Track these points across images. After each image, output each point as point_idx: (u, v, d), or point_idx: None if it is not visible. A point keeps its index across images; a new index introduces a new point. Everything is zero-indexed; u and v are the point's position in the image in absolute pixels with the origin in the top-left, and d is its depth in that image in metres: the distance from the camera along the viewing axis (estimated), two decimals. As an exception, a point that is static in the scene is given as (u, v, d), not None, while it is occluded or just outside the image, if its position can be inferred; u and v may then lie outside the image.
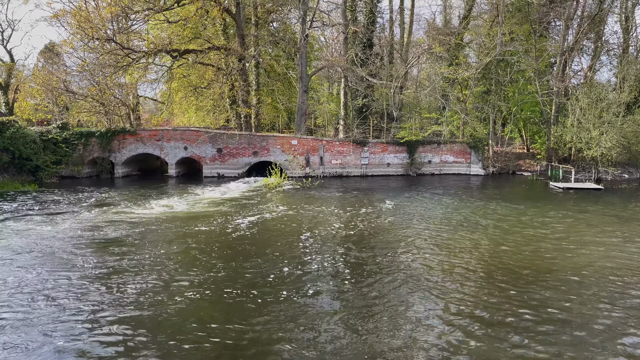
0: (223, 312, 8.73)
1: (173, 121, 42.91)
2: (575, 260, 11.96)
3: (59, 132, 28.49)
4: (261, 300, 9.15)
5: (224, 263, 11.51)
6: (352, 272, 10.98)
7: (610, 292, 9.78)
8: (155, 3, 27.41)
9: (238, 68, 31.74)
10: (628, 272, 11.03)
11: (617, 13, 36.57)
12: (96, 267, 11.07)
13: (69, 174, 28.51)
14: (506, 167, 34.03)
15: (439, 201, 21.18)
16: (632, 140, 29.84)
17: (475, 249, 12.91)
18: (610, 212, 18.85)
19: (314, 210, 18.66)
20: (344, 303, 9.18)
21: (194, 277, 10.45)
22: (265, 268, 11.10)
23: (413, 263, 11.62)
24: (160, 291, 9.61)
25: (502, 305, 8.98)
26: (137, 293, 9.48)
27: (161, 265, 11.24)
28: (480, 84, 34.88)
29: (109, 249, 12.65)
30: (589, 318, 8.52)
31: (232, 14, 31.21)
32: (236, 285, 9.93)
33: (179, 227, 15.32)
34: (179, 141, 29.68)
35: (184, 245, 13.10)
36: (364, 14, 35.90)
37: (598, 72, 39.84)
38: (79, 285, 9.97)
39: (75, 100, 33.52)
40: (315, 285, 10.05)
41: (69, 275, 10.57)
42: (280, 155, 29.94)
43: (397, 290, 9.76)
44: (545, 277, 10.64)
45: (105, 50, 27.83)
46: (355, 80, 34.53)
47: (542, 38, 36.21)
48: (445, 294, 9.53)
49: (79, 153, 28.87)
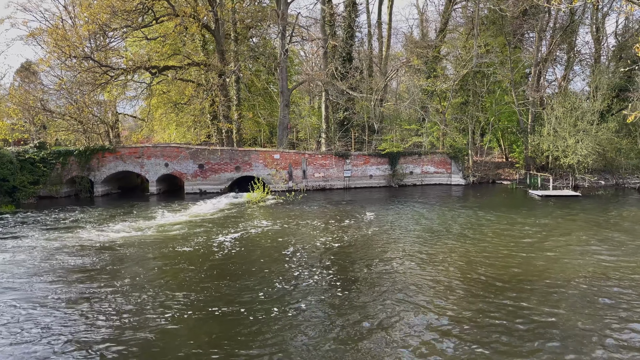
0: (213, 331, 8.63)
1: (153, 138, 42.57)
2: (557, 266, 12.15)
3: (36, 151, 27.99)
4: (252, 318, 9.07)
5: (210, 283, 11.37)
6: (339, 287, 10.95)
7: (593, 297, 9.94)
8: (133, 20, 27.30)
9: (218, 83, 31.71)
10: (610, 277, 11.23)
11: (588, 24, 37.69)
12: (74, 292, 10.83)
13: (47, 194, 27.97)
14: (486, 176, 34.51)
15: (421, 212, 21.34)
16: (606, 147, 30.56)
17: (458, 258, 13.01)
18: (588, 219, 19.22)
19: (298, 224, 18.64)
20: (333, 319, 9.15)
21: (180, 298, 10.30)
22: (254, 286, 11.02)
23: (398, 275, 11.66)
24: (145, 314, 9.45)
25: (489, 314, 9.05)
26: (122, 316, 9.31)
27: (144, 288, 11.05)
28: (459, 96, 35.47)
29: (88, 272, 12.40)
30: (573, 323, 8.64)
31: (212, 30, 31.27)
32: (225, 305, 9.81)
33: (162, 246, 15.12)
34: (160, 158, 29.42)
35: (168, 266, 12.92)
36: (342, 29, 36.28)
37: (572, 81, 40.94)
38: (54, 309, 9.76)
39: (52, 119, 33.08)
40: (305, 301, 9.99)
41: (45, 299, 10.34)
42: (263, 170, 29.89)
43: (384, 303, 9.77)
44: (531, 284, 10.77)
45: (83, 68, 27.56)
46: (336, 94, 34.77)
47: (517, 49, 37.06)
48: (430, 304, 9.58)
49: (57, 172, 28.37)
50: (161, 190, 30.19)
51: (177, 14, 27.67)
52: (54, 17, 35.35)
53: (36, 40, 32.95)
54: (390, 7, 37.92)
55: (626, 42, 35.03)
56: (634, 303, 9.58)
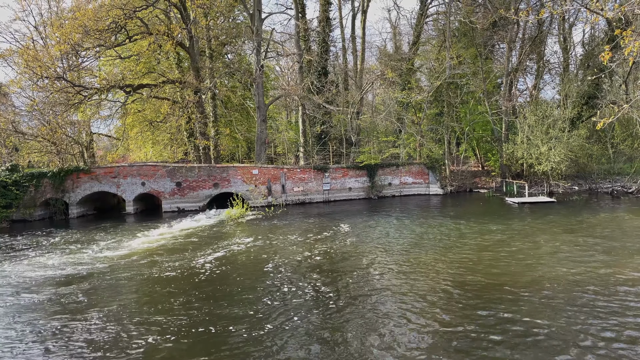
0: (199, 354, 8.48)
1: (129, 157, 42.07)
2: (534, 272, 12.31)
3: (8, 174, 27.37)
4: (237, 338, 8.95)
5: (192, 304, 11.17)
6: (322, 303, 10.89)
7: (571, 301, 10.10)
8: (106, 40, 27.08)
9: (194, 100, 31.59)
10: (588, 281, 11.44)
11: (556, 34, 38.81)
12: (49, 318, 10.56)
13: (21, 218, 27.29)
14: (463, 185, 34.96)
15: (400, 223, 21.45)
16: (578, 153, 31.30)
17: (438, 267, 13.09)
18: (563, 224, 19.58)
19: (278, 239, 18.53)
20: (318, 335, 9.09)
21: (161, 322, 10.10)
22: (236, 306, 10.88)
23: (378, 287, 11.67)
24: (125, 341, 9.25)
25: (471, 322, 9.11)
26: (101, 344, 9.09)
27: (123, 314, 10.82)
28: (433, 107, 36.07)
29: (63, 297, 12.10)
30: (554, 330, 8.74)
31: (186, 47, 31.23)
32: (207, 326, 9.67)
33: (141, 268, 14.82)
34: (136, 177, 29.04)
35: (147, 289, 12.67)
36: (317, 43, 36.63)
37: (542, 90, 41.97)
38: (32, 337, 9.49)
39: (25, 141, 32.43)
40: (288, 320, 9.91)
41: (22, 326, 10.05)
42: (242, 186, 29.73)
43: (366, 314, 9.76)
44: (510, 292, 10.89)
45: (56, 88, 27.18)
46: (313, 108, 34.97)
47: (488, 60, 37.92)
48: (412, 315, 9.60)
49: (31, 195, 27.74)
50: (138, 209, 29.76)
51: (151, 32, 27.61)
52: (24, 37, 34.98)
53: (6, 62, 32.44)
54: (363, 22, 38.49)
55: (593, 50, 36.09)
56: (613, 307, 9.77)
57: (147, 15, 29.64)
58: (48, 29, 33.31)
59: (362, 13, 38.59)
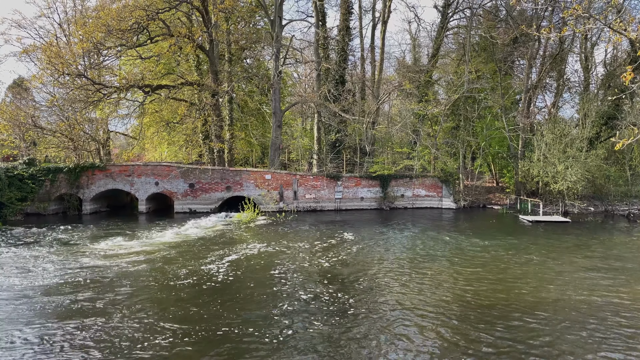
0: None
1: (145, 156, 42.41)
2: (545, 294, 12.09)
3: (25, 168, 27.74)
4: (247, 345, 8.90)
5: (202, 307, 11.18)
6: (332, 313, 10.80)
7: (583, 322, 9.88)
8: (128, 39, 27.41)
9: (211, 103, 31.80)
10: (598, 303, 11.20)
11: (577, 53, 38.40)
12: (59, 318, 10.60)
13: (35, 211, 27.63)
14: (477, 200, 34.61)
15: (412, 235, 21.26)
16: (595, 174, 30.84)
17: (449, 284, 12.92)
18: (578, 245, 19.24)
19: (289, 246, 18.46)
20: (328, 348, 9.01)
21: (173, 324, 10.11)
22: (245, 312, 10.85)
23: (389, 301, 11.55)
24: (139, 342, 9.24)
25: (482, 341, 8.95)
26: (114, 344, 9.09)
27: (135, 315, 10.84)
28: (450, 120, 35.84)
29: (75, 294, 12.16)
30: (563, 351, 8.56)
31: (206, 50, 31.48)
32: (216, 331, 9.64)
33: (152, 269, 14.84)
34: (150, 176, 29.25)
35: (159, 291, 12.68)
36: (336, 52, 36.69)
37: (561, 108, 41.54)
38: (40, 334, 9.52)
39: (43, 136, 32.86)
40: (294, 327, 9.84)
41: (31, 325, 10.11)
42: (254, 190, 29.78)
43: (377, 329, 9.66)
44: (519, 312, 10.70)
45: (76, 85, 27.55)
46: (328, 116, 34.96)
47: (507, 76, 37.64)
48: (420, 330, 9.48)
49: (46, 189, 28.08)
50: (151, 209, 29.94)
51: (172, 34, 27.88)
52: (48, 34, 35.54)
53: (30, 57, 33.02)
54: (383, 32, 38.49)
55: (614, 71, 35.66)
56: (624, 330, 9.55)
57: (169, 17, 29.99)
58: (72, 26, 33.83)
59: (383, 24, 38.60)
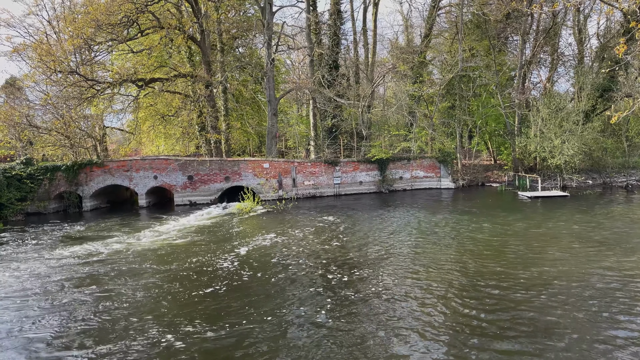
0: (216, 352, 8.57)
1: (142, 150, 42.33)
2: (549, 270, 12.23)
3: (23, 168, 27.74)
4: (251, 338, 9.02)
5: (206, 300, 11.29)
6: (333, 303, 10.93)
7: (589, 299, 10.02)
8: (118, 34, 27.20)
9: (205, 94, 31.70)
10: (602, 279, 11.34)
11: (570, 26, 38.24)
12: (63, 318, 10.72)
13: (35, 211, 27.69)
14: (475, 179, 34.72)
15: (413, 216, 21.39)
16: (592, 147, 30.92)
17: (453, 263, 13.05)
18: (577, 219, 19.38)
19: (290, 234, 18.58)
20: (332, 342, 9.14)
21: (176, 318, 10.23)
22: (247, 303, 10.97)
23: (392, 287, 11.67)
24: (143, 337, 9.36)
25: (492, 320, 9.09)
26: (117, 340, 9.21)
27: (139, 309, 10.96)
28: (445, 100, 35.75)
29: (81, 292, 12.27)
30: (572, 331, 8.70)
31: (197, 41, 31.27)
32: (219, 324, 9.76)
33: (155, 261, 14.97)
34: (149, 170, 29.27)
35: (162, 282, 12.79)
36: (328, 37, 36.46)
37: (556, 83, 41.46)
38: (46, 330, 9.64)
39: (39, 135, 32.75)
40: (299, 322, 9.98)
41: (37, 318, 10.22)
42: (253, 179, 29.83)
43: (379, 318, 9.78)
44: (524, 288, 10.84)
45: (69, 82, 27.43)
46: (324, 101, 34.88)
47: (501, 53, 37.47)
48: (426, 314, 9.61)
49: (45, 188, 28.12)
50: (151, 202, 30.01)
51: (162, 26, 27.69)
52: (38, 32, 35.24)
53: (20, 56, 32.77)
54: (374, 14, 38.25)
55: (608, 43, 35.51)
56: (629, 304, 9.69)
57: (159, 9, 29.70)
58: (61, 23, 33.51)
59: (374, 5, 38.34)
